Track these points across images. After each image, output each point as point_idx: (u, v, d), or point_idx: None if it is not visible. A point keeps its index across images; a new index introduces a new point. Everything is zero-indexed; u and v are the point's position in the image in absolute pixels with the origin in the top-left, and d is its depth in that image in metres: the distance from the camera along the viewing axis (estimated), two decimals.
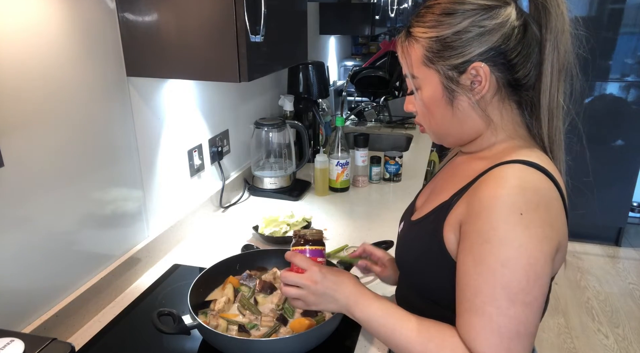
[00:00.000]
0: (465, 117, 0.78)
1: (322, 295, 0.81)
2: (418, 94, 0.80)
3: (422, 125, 0.85)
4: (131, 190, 1.25)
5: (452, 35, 0.73)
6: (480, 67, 0.73)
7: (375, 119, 2.87)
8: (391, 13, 2.93)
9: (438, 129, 0.82)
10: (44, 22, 0.93)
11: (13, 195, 0.90)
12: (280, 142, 1.84)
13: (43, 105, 0.95)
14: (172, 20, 1.08)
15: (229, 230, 1.55)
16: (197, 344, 1.02)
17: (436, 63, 0.75)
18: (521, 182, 0.68)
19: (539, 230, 0.67)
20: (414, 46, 0.77)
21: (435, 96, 0.77)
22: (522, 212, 0.66)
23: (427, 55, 0.75)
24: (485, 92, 0.75)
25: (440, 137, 0.85)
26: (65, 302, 1.03)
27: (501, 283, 0.66)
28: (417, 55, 0.77)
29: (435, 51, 0.74)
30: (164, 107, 1.34)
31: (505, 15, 0.72)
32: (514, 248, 0.66)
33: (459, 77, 0.75)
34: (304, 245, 0.88)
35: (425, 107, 0.80)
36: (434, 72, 0.76)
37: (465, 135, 0.82)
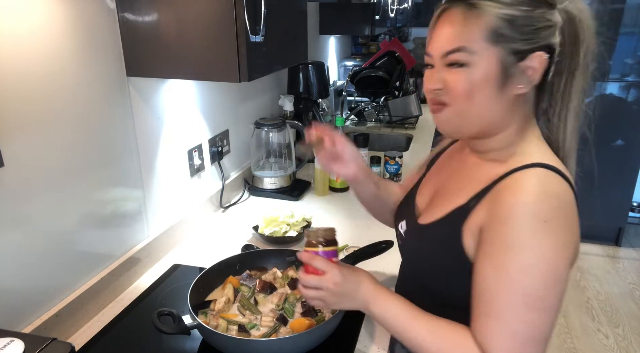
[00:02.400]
0: (504, 106, 0.74)
1: (342, 296, 0.81)
2: (464, 71, 0.72)
3: (447, 104, 0.76)
4: (131, 190, 1.25)
5: (525, 19, 0.69)
6: (543, 58, 0.71)
7: (375, 119, 2.87)
8: (391, 13, 2.94)
9: (469, 114, 0.75)
10: (44, 22, 0.93)
11: (13, 195, 0.90)
12: (280, 142, 1.84)
13: (43, 105, 0.95)
14: (172, 20, 1.08)
15: (229, 230, 1.55)
16: (197, 344, 1.02)
17: (502, 43, 0.70)
18: (544, 188, 0.68)
19: (560, 237, 0.67)
20: (478, 19, 0.70)
21: (487, 77, 0.72)
22: (546, 220, 0.66)
23: (494, 32, 0.70)
24: (532, 85, 0.73)
25: (460, 125, 0.78)
26: (65, 302, 1.03)
27: (520, 290, 0.67)
28: (480, 29, 0.70)
29: (504, 30, 0.70)
30: (164, 107, 1.34)
31: (558, 18, 0.71)
32: (535, 256, 0.66)
33: (517, 63, 0.71)
34: (316, 245, 0.86)
35: (469, 87, 0.72)
36: (495, 52, 0.70)
37: (490, 128, 0.77)
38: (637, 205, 3.80)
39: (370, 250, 1.23)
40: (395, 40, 3.50)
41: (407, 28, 4.01)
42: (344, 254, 1.34)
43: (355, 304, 0.82)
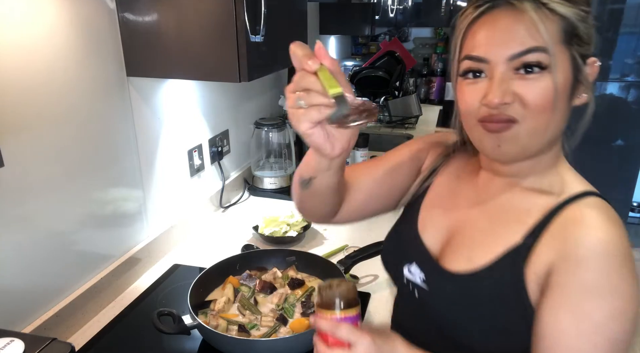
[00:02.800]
0: (562, 122, 0.65)
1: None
2: (545, 77, 0.61)
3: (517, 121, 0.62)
4: (131, 190, 1.25)
5: (588, 22, 0.63)
6: (596, 65, 0.64)
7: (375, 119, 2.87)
8: (391, 13, 2.93)
9: (543, 130, 0.63)
10: (44, 23, 0.93)
11: (13, 195, 0.90)
12: (280, 142, 1.84)
13: (43, 106, 0.95)
14: (172, 20, 1.08)
15: (229, 230, 1.55)
16: (197, 344, 1.02)
17: (573, 45, 0.62)
18: (612, 222, 0.61)
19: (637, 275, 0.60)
20: (551, 17, 0.61)
21: (566, 83, 0.62)
22: (626, 257, 0.59)
23: (565, 34, 0.61)
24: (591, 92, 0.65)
25: (528, 145, 0.64)
26: (65, 302, 1.03)
27: (608, 338, 0.58)
28: (555, 29, 0.61)
29: (575, 32, 0.62)
30: (164, 107, 1.34)
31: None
32: (625, 300, 0.58)
33: (582, 69, 0.63)
34: (334, 308, 0.66)
35: (553, 96, 0.61)
36: (568, 55, 0.62)
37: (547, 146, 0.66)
38: (637, 205, 3.80)
39: (370, 250, 1.23)
40: (395, 40, 3.50)
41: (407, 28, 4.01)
42: (344, 254, 1.34)
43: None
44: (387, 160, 0.87)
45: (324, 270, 1.17)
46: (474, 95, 0.64)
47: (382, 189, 0.85)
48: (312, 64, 0.56)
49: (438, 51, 3.64)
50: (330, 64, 0.56)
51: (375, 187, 0.85)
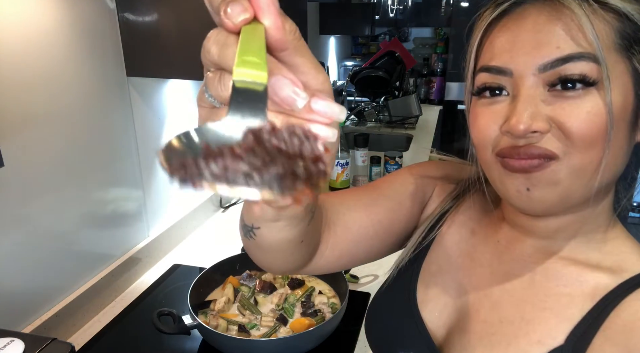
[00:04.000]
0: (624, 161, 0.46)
1: None
2: (594, 95, 0.42)
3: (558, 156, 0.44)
4: (131, 190, 1.25)
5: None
6: None
7: (375, 119, 2.87)
8: (391, 13, 2.94)
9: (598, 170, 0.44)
10: (44, 22, 0.93)
11: (13, 195, 0.90)
12: None
13: (43, 106, 0.95)
14: (172, 20, 1.08)
15: (229, 230, 1.55)
16: (197, 344, 1.02)
17: (635, 54, 0.43)
18: None
19: None
20: (600, 16, 0.43)
21: (626, 107, 0.43)
22: None
23: (624, 38, 0.43)
24: None
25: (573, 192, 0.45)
26: (65, 302, 1.03)
27: None
28: (608, 33, 0.43)
29: (636, 35, 0.43)
30: (164, 107, 1.34)
31: None
32: None
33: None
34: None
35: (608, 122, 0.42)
36: (628, 67, 0.43)
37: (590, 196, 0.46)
38: (637, 205, 3.80)
39: None
40: (395, 40, 3.51)
41: (407, 28, 4.01)
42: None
43: None
44: (383, 191, 0.63)
45: None
46: (490, 120, 0.46)
47: (377, 231, 0.61)
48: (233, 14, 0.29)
49: (438, 51, 3.64)
50: (275, 26, 0.29)
51: (370, 230, 0.60)
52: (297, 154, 0.21)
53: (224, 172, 0.21)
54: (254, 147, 0.21)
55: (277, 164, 0.20)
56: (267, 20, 0.28)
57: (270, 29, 0.28)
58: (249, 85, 0.23)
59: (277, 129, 0.22)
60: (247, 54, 0.24)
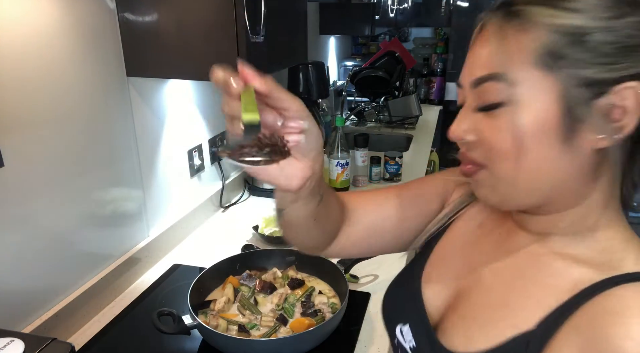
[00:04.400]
0: (576, 166, 0.47)
1: None
2: (505, 113, 0.47)
3: (483, 165, 0.50)
4: (131, 190, 1.25)
5: (606, 33, 0.43)
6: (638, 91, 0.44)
7: (375, 119, 2.87)
8: (391, 13, 2.94)
9: (519, 180, 0.48)
10: (44, 22, 0.93)
11: (13, 195, 0.90)
12: None
13: (43, 106, 0.95)
14: (172, 20, 1.08)
15: (229, 230, 1.55)
16: (197, 344, 1.02)
17: (562, 69, 0.44)
18: None
19: None
20: (525, 33, 0.46)
21: (544, 122, 0.46)
22: None
23: (550, 53, 0.45)
24: (625, 134, 0.45)
25: (508, 194, 0.50)
26: (65, 302, 1.03)
27: None
28: (527, 49, 0.45)
29: (569, 50, 0.44)
30: (164, 107, 1.34)
31: None
32: None
33: (593, 100, 0.44)
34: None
35: (515, 139, 0.46)
36: (553, 83, 0.45)
37: (557, 198, 0.50)
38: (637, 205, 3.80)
39: None
40: (395, 40, 3.50)
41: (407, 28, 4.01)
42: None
43: None
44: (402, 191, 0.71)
45: (323, 270, 1.17)
46: (451, 127, 0.52)
47: (387, 226, 0.70)
48: (234, 86, 0.44)
49: (438, 51, 3.64)
50: (259, 84, 0.45)
51: (379, 223, 0.69)
52: (274, 143, 0.45)
53: (247, 152, 0.44)
54: (256, 142, 0.44)
55: (267, 147, 0.44)
56: (254, 83, 0.45)
57: (257, 87, 0.45)
58: (251, 122, 0.44)
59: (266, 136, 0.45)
60: (246, 106, 0.44)
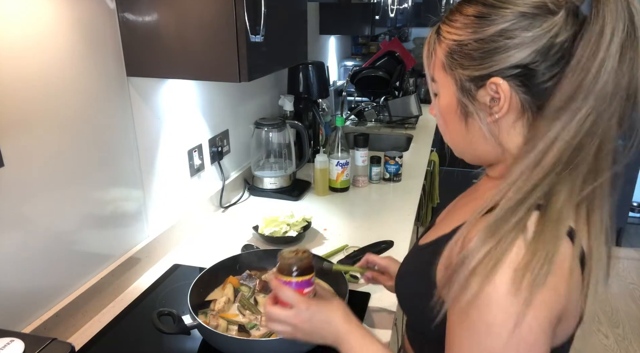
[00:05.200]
0: (478, 139, 0.67)
1: (311, 334, 0.76)
2: (436, 100, 0.71)
3: (442, 134, 0.74)
4: (131, 190, 1.25)
5: (474, 42, 0.62)
6: (499, 84, 0.61)
7: (375, 119, 2.87)
8: (391, 13, 2.94)
9: (453, 142, 0.72)
10: (44, 22, 0.93)
11: (13, 195, 0.90)
12: (280, 142, 1.84)
13: (43, 105, 0.95)
14: (172, 20, 1.08)
15: (229, 230, 1.55)
16: (197, 344, 1.02)
17: (454, 70, 0.65)
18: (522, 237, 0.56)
19: (534, 294, 0.54)
20: (439, 46, 0.67)
21: (449, 107, 0.68)
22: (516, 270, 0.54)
23: (447, 60, 0.66)
24: (502, 115, 0.62)
25: (455, 151, 0.74)
26: (65, 302, 1.03)
27: (486, 348, 0.55)
28: (439, 57, 0.67)
29: (455, 57, 0.64)
30: (164, 107, 1.34)
31: (545, 28, 0.58)
32: (501, 312, 0.54)
33: (477, 91, 0.63)
34: (290, 274, 0.78)
35: (441, 116, 0.71)
36: (451, 80, 0.66)
37: (480, 158, 0.71)
38: (637, 205, 3.80)
39: (370, 250, 1.22)
40: (395, 40, 3.51)
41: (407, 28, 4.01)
42: (344, 254, 1.34)
43: (324, 342, 0.77)
44: None
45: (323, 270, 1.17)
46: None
47: None
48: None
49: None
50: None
51: None
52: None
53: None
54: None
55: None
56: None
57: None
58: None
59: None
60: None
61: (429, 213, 2.69)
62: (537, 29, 0.58)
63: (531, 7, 0.59)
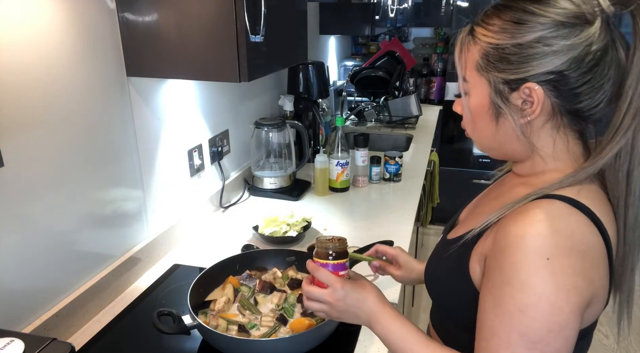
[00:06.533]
0: (508, 138, 0.72)
1: (345, 312, 0.80)
2: (466, 99, 0.74)
3: (466, 130, 0.78)
4: (131, 190, 1.25)
5: (512, 47, 0.65)
6: (534, 89, 0.65)
7: (375, 119, 2.87)
8: (391, 13, 2.94)
9: (481, 140, 0.76)
10: (44, 22, 0.93)
11: (13, 195, 0.90)
12: (280, 142, 1.84)
13: (43, 105, 0.95)
14: (172, 20, 1.08)
15: (229, 230, 1.55)
16: (197, 344, 1.02)
17: (489, 72, 0.68)
18: (554, 223, 0.62)
19: (566, 279, 0.60)
20: (473, 47, 0.70)
21: (481, 107, 0.71)
22: (549, 257, 0.60)
23: (482, 61, 0.69)
24: (534, 117, 0.68)
25: (481, 148, 0.79)
26: (66, 302, 1.03)
27: (518, 330, 0.61)
28: (472, 58, 0.70)
29: (491, 59, 0.67)
30: (164, 107, 1.34)
31: (582, 37, 0.62)
32: (535, 295, 0.60)
33: (510, 94, 0.67)
34: (326, 257, 0.83)
35: (471, 115, 0.74)
36: (485, 82, 0.69)
37: (507, 155, 0.76)
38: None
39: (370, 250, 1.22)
40: (395, 40, 3.50)
41: (407, 28, 4.01)
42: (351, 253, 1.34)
43: (358, 321, 0.80)
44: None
45: None
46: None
47: None
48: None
49: (438, 51, 3.64)
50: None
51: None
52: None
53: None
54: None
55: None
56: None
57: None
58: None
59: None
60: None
61: (429, 213, 2.69)
62: (574, 38, 0.62)
63: (570, 16, 0.62)
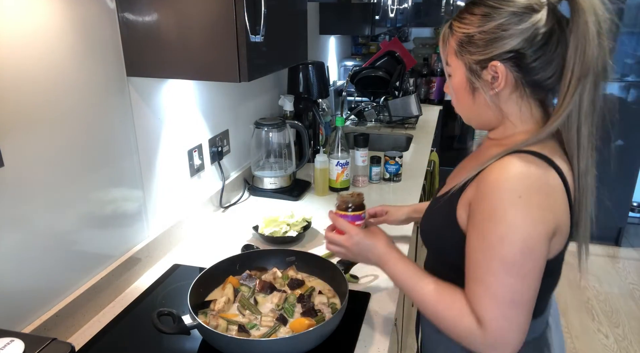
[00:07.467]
0: (483, 108, 0.89)
1: (359, 255, 1.01)
2: (449, 80, 0.92)
3: (454, 106, 0.95)
4: (131, 190, 1.25)
5: (479, 34, 0.83)
6: (498, 66, 0.82)
7: (375, 119, 2.87)
8: (391, 13, 2.93)
9: (463, 112, 0.94)
10: (44, 22, 0.93)
11: (13, 195, 0.90)
12: (280, 142, 1.84)
13: (43, 105, 0.95)
14: (172, 20, 1.08)
15: (229, 230, 1.55)
16: (197, 344, 1.02)
17: (464, 56, 0.86)
18: (523, 170, 0.77)
19: (535, 212, 0.76)
20: (451, 37, 0.88)
21: (460, 84, 0.89)
22: (521, 195, 0.76)
23: (457, 48, 0.86)
24: (500, 89, 0.84)
25: (465, 119, 0.95)
26: (66, 301, 1.03)
27: (499, 257, 0.76)
28: (451, 46, 0.88)
29: (464, 45, 0.85)
30: (164, 107, 1.34)
31: (531, 22, 0.79)
32: (510, 226, 0.76)
33: (481, 71, 0.84)
34: (346, 210, 1.04)
35: (454, 92, 0.92)
36: (462, 64, 0.87)
37: (485, 124, 0.93)
38: (637, 205, 3.80)
39: None
40: (395, 40, 3.50)
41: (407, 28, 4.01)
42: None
43: (370, 262, 1.00)
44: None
45: (323, 270, 1.17)
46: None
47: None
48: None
49: (438, 51, 3.64)
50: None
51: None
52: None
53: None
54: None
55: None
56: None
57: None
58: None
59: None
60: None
61: None
62: (524, 23, 0.79)
63: (520, 7, 0.80)
